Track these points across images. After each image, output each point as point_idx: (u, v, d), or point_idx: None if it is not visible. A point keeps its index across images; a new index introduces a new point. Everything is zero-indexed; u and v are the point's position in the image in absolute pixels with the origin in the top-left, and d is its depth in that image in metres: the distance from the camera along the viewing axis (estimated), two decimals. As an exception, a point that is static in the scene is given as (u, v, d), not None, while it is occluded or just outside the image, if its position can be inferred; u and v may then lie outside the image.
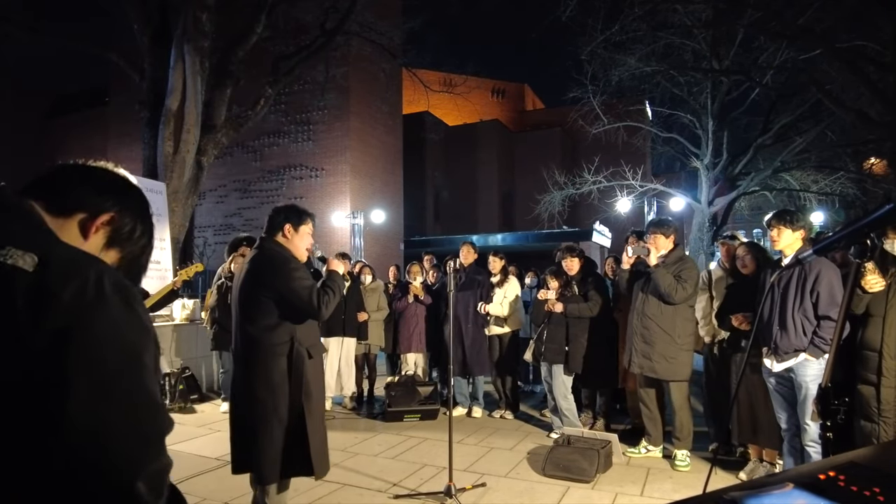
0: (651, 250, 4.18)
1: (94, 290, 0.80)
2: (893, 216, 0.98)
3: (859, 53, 9.34)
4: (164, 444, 0.85)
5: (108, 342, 0.79)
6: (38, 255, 0.79)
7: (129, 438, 0.79)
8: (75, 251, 0.87)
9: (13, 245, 0.79)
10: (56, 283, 0.78)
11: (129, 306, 0.84)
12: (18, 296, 0.75)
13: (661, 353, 4.14)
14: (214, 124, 8.14)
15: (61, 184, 1.01)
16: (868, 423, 3.10)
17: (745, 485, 1.08)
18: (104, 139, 22.01)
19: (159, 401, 0.86)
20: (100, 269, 0.83)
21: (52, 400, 0.74)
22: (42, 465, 0.74)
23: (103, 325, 0.79)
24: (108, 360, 0.79)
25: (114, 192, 1.04)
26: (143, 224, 1.07)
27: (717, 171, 13.98)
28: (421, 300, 6.17)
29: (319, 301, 2.70)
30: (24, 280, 0.76)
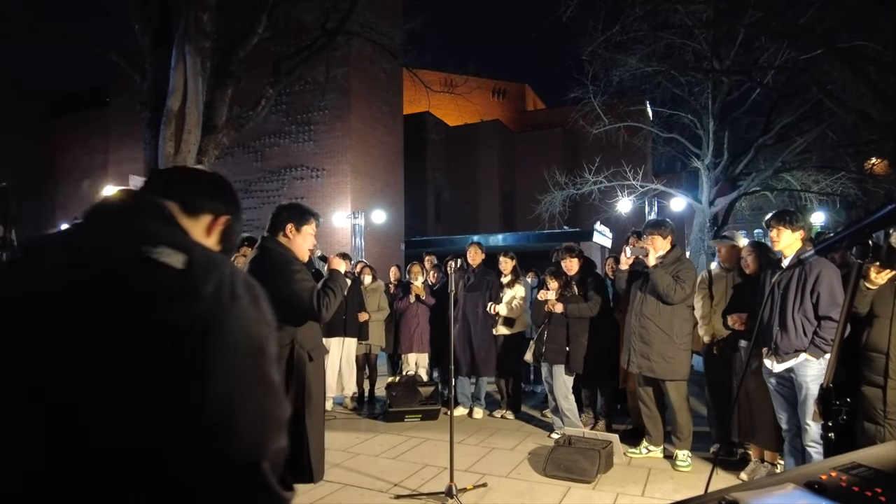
0: (649, 251, 4.19)
1: (229, 289, 0.90)
2: (895, 217, 0.98)
3: (860, 53, 9.33)
4: (284, 426, 0.93)
5: (240, 334, 0.89)
6: (186, 255, 0.90)
7: (257, 420, 0.87)
8: (212, 252, 0.99)
9: (165, 244, 0.90)
10: (199, 280, 0.88)
11: (256, 303, 0.95)
12: (168, 289, 0.86)
13: (660, 352, 4.15)
14: (215, 125, 8.13)
15: (193, 186, 1.18)
16: (872, 425, 3.09)
17: (746, 485, 1.08)
18: (105, 139, 22.01)
19: (278, 385, 0.94)
20: (232, 270, 0.95)
21: (192, 383, 0.82)
22: (180, 445, 0.81)
23: (236, 319, 0.89)
24: (240, 350, 0.88)
25: (231, 196, 1.24)
26: (240, 228, 1.28)
27: (717, 171, 13.96)
28: (423, 300, 6.17)
29: (320, 303, 2.68)
30: (172, 276, 0.87)
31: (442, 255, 6.76)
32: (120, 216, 1.00)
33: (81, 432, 0.78)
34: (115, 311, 0.83)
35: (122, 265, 0.87)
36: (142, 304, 0.84)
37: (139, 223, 0.97)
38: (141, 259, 0.87)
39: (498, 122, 29.61)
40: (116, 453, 0.78)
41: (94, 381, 0.80)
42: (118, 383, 0.80)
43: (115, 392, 0.80)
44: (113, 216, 1.00)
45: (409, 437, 5.08)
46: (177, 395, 0.81)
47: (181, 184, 1.18)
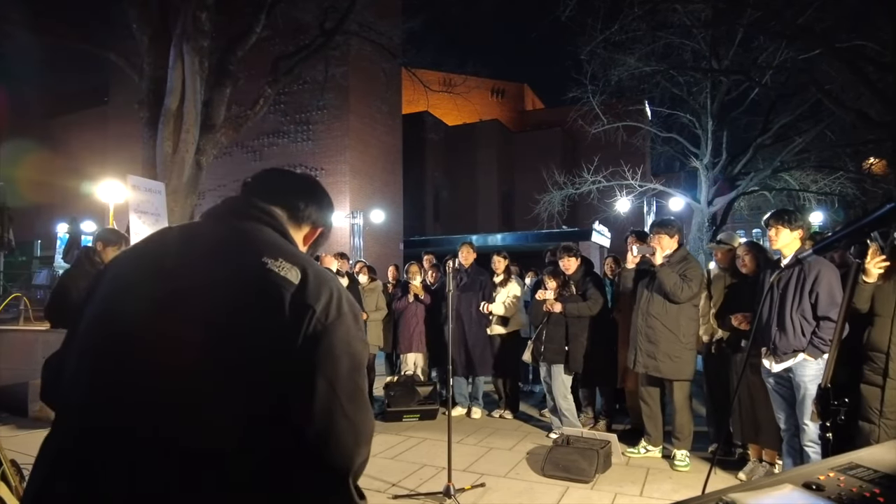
0: (656, 250, 4.18)
1: (336, 306, 0.96)
2: (894, 215, 0.97)
3: (859, 53, 9.34)
4: (370, 441, 0.99)
5: (343, 348, 0.95)
6: (301, 270, 0.96)
7: (352, 430, 0.93)
8: (321, 269, 1.03)
9: (283, 258, 0.97)
10: (313, 296, 0.94)
11: (357, 320, 1.01)
12: (287, 302, 0.92)
13: (666, 352, 4.14)
14: (214, 124, 8.13)
15: (297, 196, 1.19)
16: (867, 425, 3.08)
17: (744, 485, 1.07)
18: (103, 138, 21.99)
19: (368, 401, 0.99)
20: (339, 288, 1.01)
21: (301, 389, 0.89)
22: (282, 446, 0.88)
23: (340, 335, 0.95)
24: (343, 362, 0.94)
25: (329, 209, 1.27)
26: (328, 237, 1.31)
27: (716, 170, 13.97)
28: (421, 300, 6.16)
29: None
30: (290, 289, 0.93)
31: (441, 254, 6.76)
32: (241, 221, 1.06)
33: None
34: (242, 311, 0.91)
35: (247, 271, 0.95)
36: (264, 309, 0.91)
37: (258, 231, 1.04)
38: (264, 269, 0.94)
39: (497, 121, 29.61)
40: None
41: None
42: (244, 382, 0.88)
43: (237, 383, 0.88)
44: (235, 221, 1.06)
45: (408, 436, 5.07)
46: (286, 398, 0.89)
47: (289, 192, 1.19)
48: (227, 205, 1.12)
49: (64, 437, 0.92)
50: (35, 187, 22.72)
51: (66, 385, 0.97)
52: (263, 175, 1.23)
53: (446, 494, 3.50)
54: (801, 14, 9.74)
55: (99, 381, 0.92)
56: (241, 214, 1.08)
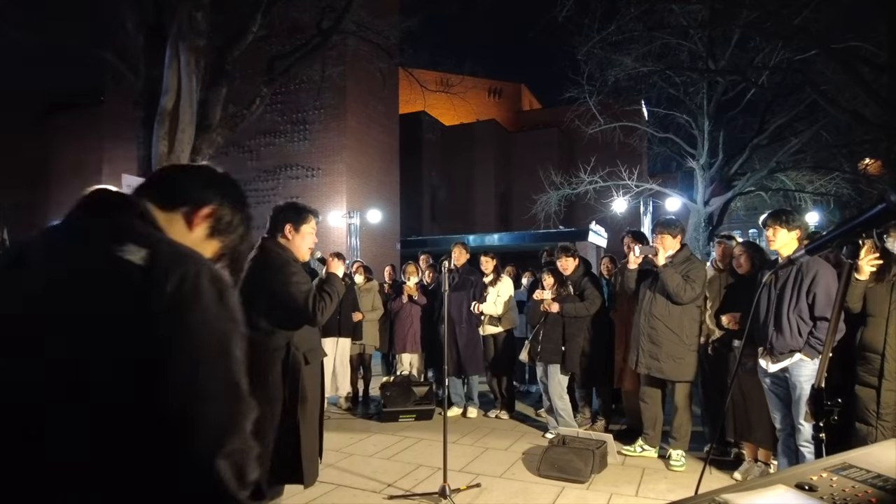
0: (659, 250, 4.17)
1: (192, 284, 0.90)
2: (886, 216, 0.97)
3: (854, 54, 9.36)
4: (245, 426, 0.93)
5: (202, 328, 0.90)
6: (149, 251, 0.91)
7: (214, 415, 0.88)
8: (179, 248, 0.98)
9: (131, 241, 0.91)
10: (160, 276, 0.89)
11: (222, 299, 0.94)
12: (134, 286, 0.88)
13: (669, 353, 4.13)
14: (210, 123, 8.09)
15: (168, 182, 1.15)
16: (864, 426, 3.09)
17: (737, 486, 1.07)
18: (99, 138, 21.91)
19: (242, 385, 0.94)
20: (199, 265, 0.94)
21: (153, 372, 0.85)
22: (137, 434, 0.84)
23: (198, 313, 0.90)
24: (202, 343, 0.89)
25: (213, 187, 1.18)
26: (240, 213, 1.21)
27: (713, 171, 14.00)
28: (415, 300, 6.16)
29: (315, 307, 2.65)
30: (137, 272, 0.88)
31: (437, 254, 6.76)
32: (93, 214, 1.01)
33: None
34: (84, 303, 0.87)
35: (92, 261, 0.91)
36: (107, 297, 0.87)
37: (110, 221, 0.98)
38: (109, 256, 0.90)
39: (494, 121, 29.60)
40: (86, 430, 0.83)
41: (65, 365, 0.85)
42: (85, 369, 0.84)
43: (83, 378, 0.84)
44: (87, 214, 1.01)
45: (404, 437, 5.07)
46: (137, 383, 0.84)
47: (157, 181, 1.16)
48: (84, 198, 1.05)
49: None
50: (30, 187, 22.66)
51: None
52: (152, 173, 1.22)
53: (442, 495, 3.50)
54: (797, 15, 9.76)
55: None
56: (98, 207, 1.03)
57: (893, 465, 1.13)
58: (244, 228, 1.22)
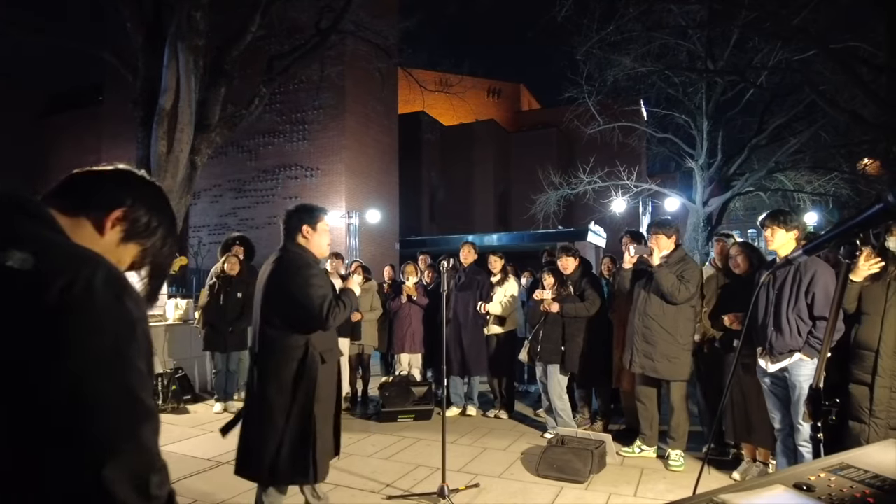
0: (654, 250, 4.18)
1: (83, 286, 0.83)
2: (883, 216, 0.97)
3: (853, 54, 9.37)
4: (141, 438, 0.86)
5: (90, 334, 0.83)
6: (35, 255, 0.84)
7: (101, 423, 0.82)
8: (72, 250, 0.90)
9: (16, 247, 0.84)
10: (46, 280, 0.82)
11: (118, 301, 0.87)
12: (12, 289, 0.81)
13: (663, 353, 4.14)
14: (209, 123, 8.09)
15: (72, 186, 1.08)
16: (858, 424, 3.09)
17: (735, 486, 1.07)
18: (98, 138, 21.90)
19: (138, 394, 0.86)
20: (92, 266, 0.87)
21: (37, 387, 0.79)
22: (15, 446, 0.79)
23: (86, 317, 0.83)
24: (89, 349, 0.82)
25: (124, 188, 1.09)
26: (158, 215, 1.12)
27: (711, 171, 14.01)
28: (415, 300, 6.15)
29: (329, 312, 2.70)
30: (16, 277, 0.82)
31: (437, 254, 6.75)
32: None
33: None
34: None
35: None
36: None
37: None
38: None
39: (493, 121, 29.62)
40: None
41: None
42: None
43: None
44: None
45: (402, 437, 5.07)
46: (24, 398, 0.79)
47: (62, 186, 1.08)
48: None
49: None
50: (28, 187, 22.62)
51: None
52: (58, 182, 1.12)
53: (440, 495, 3.50)
54: (795, 15, 9.77)
55: None
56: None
57: (891, 465, 1.13)
58: (165, 230, 1.14)
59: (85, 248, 0.93)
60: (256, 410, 2.73)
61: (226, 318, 6.02)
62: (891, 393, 3.01)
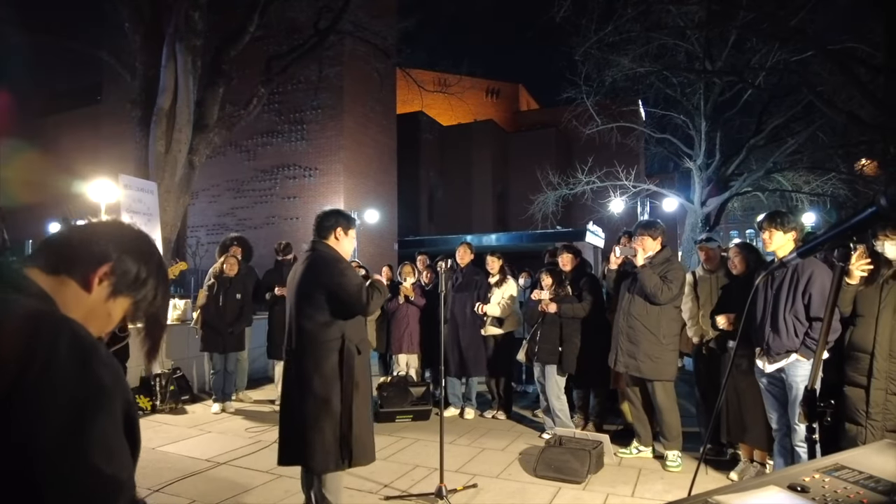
0: (638, 251, 4.22)
1: (44, 356, 0.78)
2: (876, 219, 0.98)
3: (850, 55, 9.38)
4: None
5: (49, 408, 0.76)
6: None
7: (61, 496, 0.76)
8: (35, 315, 0.85)
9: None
10: (3, 347, 0.77)
11: (84, 367, 0.81)
12: None
13: (646, 352, 4.17)
14: (207, 123, 8.09)
15: (55, 245, 1.03)
16: (854, 426, 3.10)
17: (730, 487, 1.08)
18: (96, 138, 21.87)
19: (107, 473, 0.80)
20: (56, 330, 0.82)
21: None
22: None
23: (45, 389, 0.77)
24: (47, 439, 0.76)
25: (108, 241, 1.04)
26: (146, 265, 1.07)
27: (709, 171, 14.03)
28: (412, 301, 6.15)
29: (368, 296, 2.88)
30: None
31: (435, 254, 6.75)
32: None
33: None
34: None
35: None
36: None
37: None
38: None
39: (492, 121, 29.64)
40: None
41: None
42: None
43: None
44: None
45: (400, 437, 5.07)
46: None
47: (44, 246, 1.04)
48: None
49: None
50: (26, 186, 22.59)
51: None
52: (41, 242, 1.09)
53: (438, 495, 3.50)
54: (793, 16, 9.79)
55: None
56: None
57: (885, 467, 1.13)
58: (155, 280, 1.08)
59: (47, 312, 0.88)
60: (299, 403, 2.85)
61: (224, 319, 6.02)
62: (887, 395, 3.01)
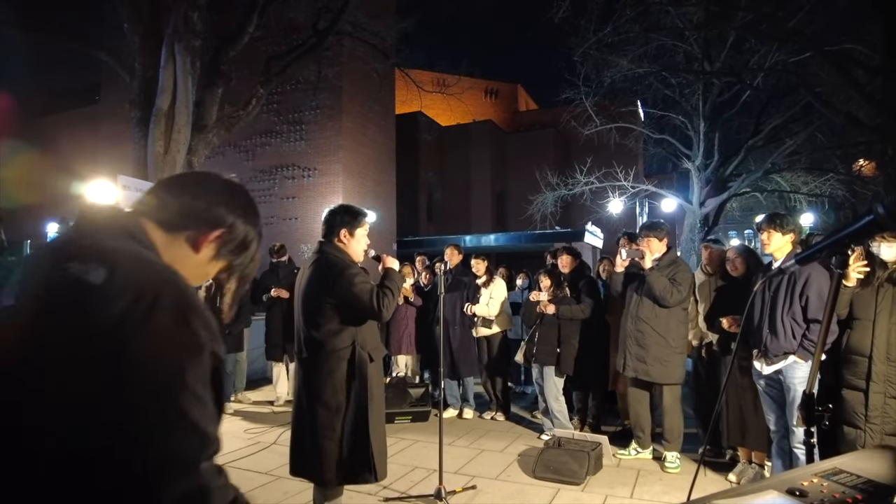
0: (645, 253, 4.19)
1: (147, 305, 0.82)
2: (873, 228, 0.98)
3: (848, 56, 9.39)
4: (197, 468, 0.83)
5: (148, 354, 0.81)
6: (107, 270, 0.84)
7: (158, 456, 0.80)
8: (145, 268, 0.90)
9: (94, 260, 0.85)
10: (112, 295, 0.82)
11: (181, 324, 0.85)
12: (80, 304, 0.82)
13: (656, 356, 4.15)
14: (205, 124, 8.07)
15: (174, 204, 1.06)
16: (852, 430, 3.10)
17: (728, 492, 1.08)
18: (94, 138, 21.82)
19: (197, 418, 0.84)
20: (159, 286, 0.86)
21: (85, 411, 0.78)
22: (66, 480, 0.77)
23: (146, 336, 0.81)
24: (143, 373, 0.80)
25: (227, 207, 1.09)
26: (253, 233, 1.13)
27: (708, 172, 14.05)
28: (411, 302, 6.15)
29: (380, 303, 2.74)
30: (86, 291, 0.82)
31: (434, 255, 6.75)
32: (75, 233, 0.95)
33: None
34: (40, 323, 0.82)
35: (48, 282, 0.86)
36: (55, 318, 0.81)
37: (84, 240, 0.92)
38: (62, 273, 0.84)
39: (490, 122, 29.62)
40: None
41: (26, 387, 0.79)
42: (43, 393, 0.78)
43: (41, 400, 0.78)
44: (70, 233, 0.96)
45: (399, 438, 5.07)
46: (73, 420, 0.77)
47: (161, 201, 1.07)
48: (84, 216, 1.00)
49: None
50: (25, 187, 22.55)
51: None
52: (158, 183, 1.12)
53: (437, 497, 3.51)
54: (791, 17, 9.81)
55: None
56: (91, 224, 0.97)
57: (883, 471, 1.14)
58: (255, 246, 1.14)
59: (159, 265, 0.93)
60: (311, 413, 2.75)
61: (222, 320, 6.01)
62: (885, 398, 3.02)
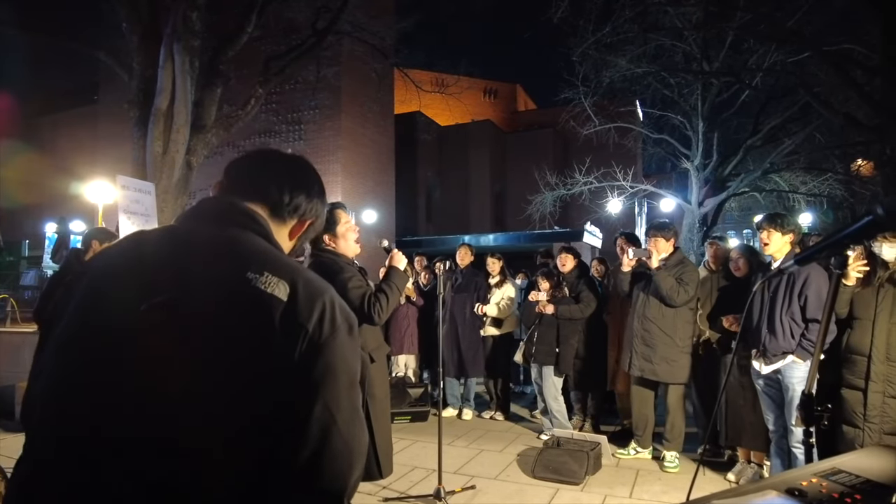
0: (653, 253, 4.20)
1: (330, 321, 0.91)
2: (872, 229, 0.98)
3: (847, 56, 9.40)
4: (364, 459, 0.94)
5: (338, 367, 0.91)
6: (289, 284, 0.90)
7: (346, 452, 0.89)
8: (312, 278, 0.97)
9: (270, 271, 0.90)
10: (304, 313, 0.89)
11: (352, 332, 0.95)
12: (277, 322, 0.87)
13: (662, 355, 4.15)
14: (204, 124, 8.07)
15: (280, 189, 1.10)
16: (851, 429, 3.11)
17: (728, 492, 1.08)
18: (93, 138, 21.80)
19: (353, 438, 0.92)
20: (331, 298, 0.95)
21: (296, 415, 0.86)
22: (274, 472, 0.85)
23: (335, 352, 0.90)
24: (339, 382, 0.90)
25: (317, 199, 1.18)
26: (321, 220, 1.23)
27: (707, 172, 14.06)
28: (413, 301, 6.15)
29: (371, 309, 2.71)
30: (279, 308, 0.88)
31: (433, 254, 6.75)
32: (223, 228, 0.99)
33: None
34: (227, 334, 0.87)
35: (231, 289, 0.89)
36: (250, 331, 0.87)
37: (241, 240, 0.97)
38: (248, 286, 0.89)
39: (489, 122, 29.63)
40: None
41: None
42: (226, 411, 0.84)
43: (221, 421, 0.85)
44: (216, 229, 0.99)
45: (399, 438, 5.06)
46: (279, 423, 0.85)
47: (271, 185, 1.09)
48: (205, 208, 1.03)
49: (41, 449, 0.88)
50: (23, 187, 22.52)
51: (42, 394, 0.92)
52: (244, 165, 1.13)
53: (437, 497, 3.51)
54: (790, 17, 9.82)
55: (77, 393, 0.88)
56: (221, 220, 1.00)
57: (882, 470, 1.14)
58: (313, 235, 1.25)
59: (315, 276, 0.99)
60: None
61: None
62: (884, 398, 3.02)
